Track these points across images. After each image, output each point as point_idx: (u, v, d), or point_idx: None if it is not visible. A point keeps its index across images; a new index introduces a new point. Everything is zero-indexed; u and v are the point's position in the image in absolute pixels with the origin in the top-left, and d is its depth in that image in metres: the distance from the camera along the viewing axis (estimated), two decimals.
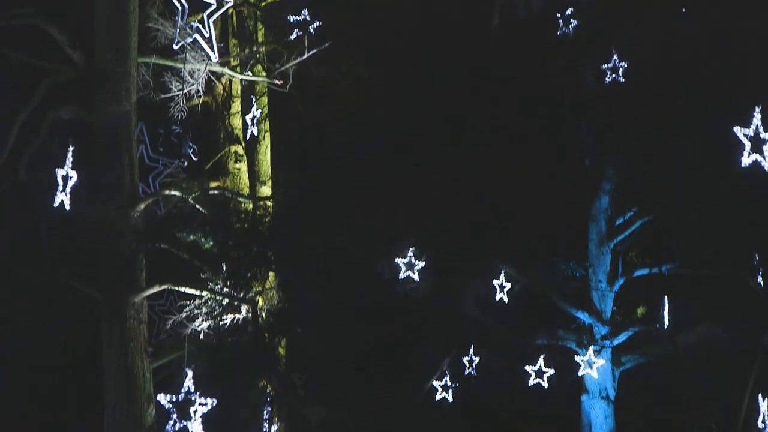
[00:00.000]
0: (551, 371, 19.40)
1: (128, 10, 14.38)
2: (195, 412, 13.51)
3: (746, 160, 13.22)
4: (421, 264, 18.11)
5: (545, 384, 19.34)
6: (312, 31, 16.99)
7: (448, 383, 19.39)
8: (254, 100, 18.51)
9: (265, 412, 15.62)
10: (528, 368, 19.38)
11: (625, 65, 17.77)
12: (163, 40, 14.97)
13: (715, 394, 20.30)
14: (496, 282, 19.24)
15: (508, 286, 19.26)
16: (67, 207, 13.78)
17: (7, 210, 14.60)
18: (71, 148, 13.92)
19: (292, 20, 17.24)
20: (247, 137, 18.73)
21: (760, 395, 19.18)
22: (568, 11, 18.19)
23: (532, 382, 19.38)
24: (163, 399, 13.55)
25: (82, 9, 15.39)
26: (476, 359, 19.48)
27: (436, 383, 19.44)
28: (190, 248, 14.65)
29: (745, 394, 19.87)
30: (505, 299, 19.31)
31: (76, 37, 14.45)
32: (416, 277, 18.14)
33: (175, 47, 14.43)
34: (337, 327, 16.04)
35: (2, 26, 13.88)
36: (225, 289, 14.42)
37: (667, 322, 19.66)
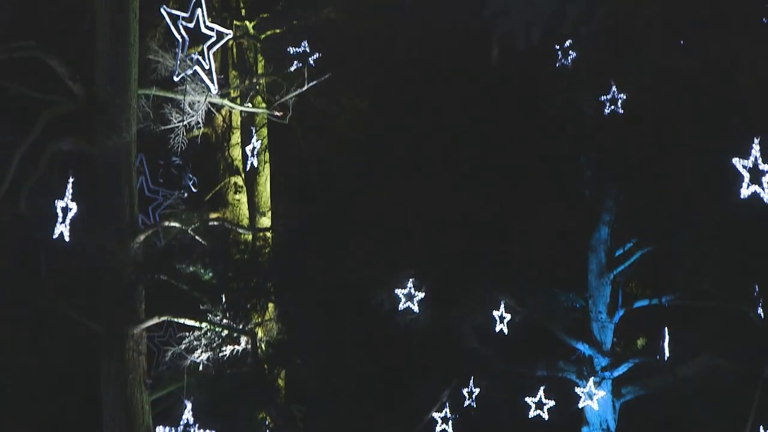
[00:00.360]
0: (551, 403, 19.32)
1: (129, 42, 14.44)
2: None
3: (745, 191, 13.21)
4: (421, 295, 18.09)
5: (545, 416, 19.25)
6: (312, 62, 17.03)
7: (448, 415, 19.30)
8: (254, 131, 18.55)
9: None
10: (528, 400, 19.30)
11: (624, 97, 17.80)
12: (163, 71, 15.01)
13: (715, 426, 20.21)
14: (495, 313, 19.19)
15: (508, 317, 19.21)
16: (67, 238, 13.75)
17: (6, 241, 14.58)
18: (71, 180, 13.91)
19: (291, 52, 17.30)
20: (247, 168, 18.76)
21: (761, 427, 19.12)
22: (567, 43, 18.23)
23: (532, 413, 19.29)
24: (163, 431, 13.50)
25: (82, 40, 15.45)
26: (476, 391, 19.41)
27: (435, 415, 19.35)
28: (189, 279, 14.64)
29: (746, 425, 19.78)
30: (505, 330, 19.25)
31: (77, 69, 14.48)
32: (416, 308, 18.11)
33: (176, 79, 14.46)
34: (336, 358, 16.01)
35: (2, 59, 13.90)
36: (224, 321, 14.39)
37: (667, 353, 19.59)
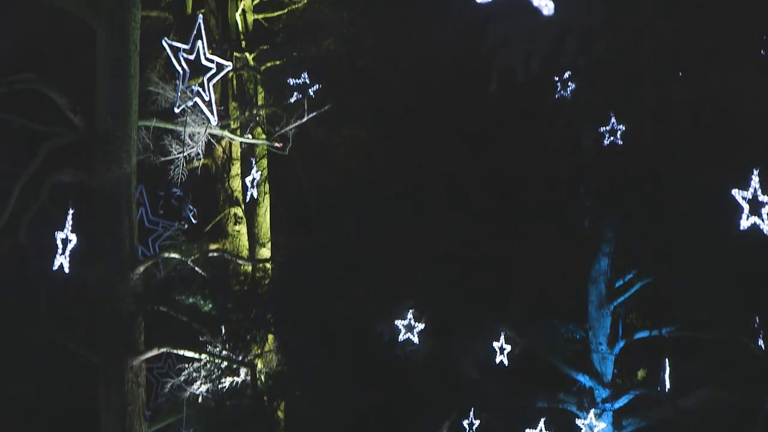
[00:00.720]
0: None
1: (129, 74, 14.48)
2: None
3: (745, 222, 13.19)
4: (421, 326, 18.05)
5: None
6: (312, 94, 17.07)
7: None
8: (254, 162, 18.57)
9: None
10: (529, 431, 19.24)
11: (623, 128, 17.82)
12: (164, 103, 15.05)
13: None
14: (496, 344, 19.15)
15: (508, 348, 19.17)
16: (67, 270, 13.76)
17: (6, 273, 14.58)
18: (71, 211, 13.93)
19: (291, 83, 17.35)
20: (247, 199, 18.78)
21: None
22: (566, 74, 18.28)
23: None
24: None
25: (83, 72, 15.49)
26: (476, 422, 19.33)
27: None
28: (189, 311, 14.63)
29: None
30: (505, 362, 19.21)
31: (77, 100, 14.52)
32: (416, 340, 18.07)
33: (176, 110, 14.50)
34: (336, 390, 15.97)
35: (3, 91, 13.95)
36: (224, 352, 14.37)
37: (668, 385, 19.55)
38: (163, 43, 14.20)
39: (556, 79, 18.71)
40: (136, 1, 14.63)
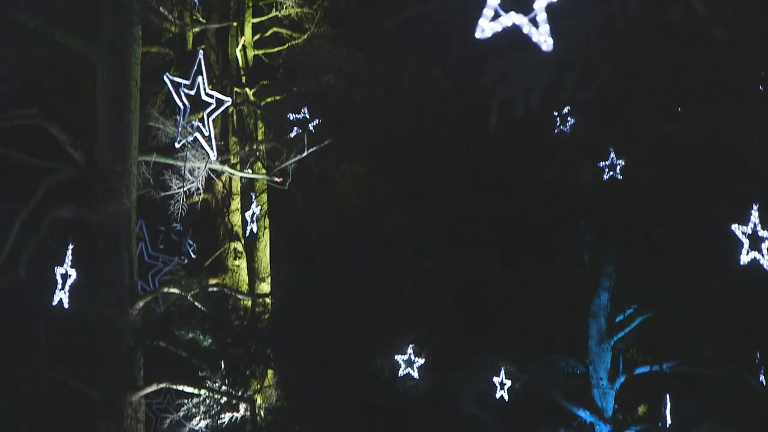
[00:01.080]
0: None
1: (129, 109, 14.52)
2: None
3: (745, 257, 13.17)
4: (421, 361, 18.00)
5: None
6: (312, 129, 17.09)
7: None
8: (254, 197, 18.59)
9: None
10: None
11: (623, 163, 17.84)
12: (164, 138, 15.10)
13: None
14: (496, 379, 19.08)
15: (509, 383, 19.10)
16: (66, 305, 13.75)
17: (5, 308, 14.56)
18: (71, 246, 13.92)
19: (291, 118, 17.37)
20: (247, 234, 18.79)
21: None
22: (565, 110, 18.31)
23: None
24: None
25: (83, 107, 15.54)
26: None
27: None
28: (188, 346, 14.60)
29: None
30: (506, 397, 19.14)
31: (77, 136, 14.55)
32: (416, 375, 18.01)
33: (177, 146, 14.53)
34: (336, 426, 15.90)
35: (4, 126, 13.98)
36: (223, 388, 14.33)
37: (669, 420, 19.47)
38: (165, 78, 14.25)
39: (556, 114, 18.74)
40: (136, 37, 14.69)
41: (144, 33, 15.15)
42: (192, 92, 14.09)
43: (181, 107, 14.22)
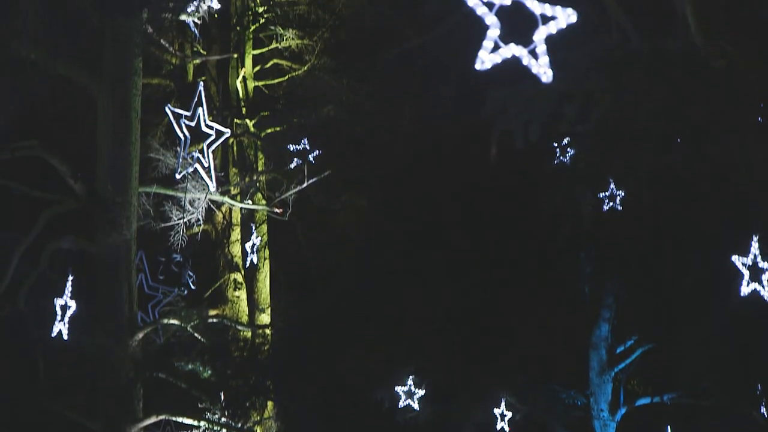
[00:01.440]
0: None
1: (130, 140, 14.52)
2: None
3: (745, 289, 13.17)
4: (421, 392, 17.97)
5: None
6: (312, 159, 17.11)
7: None
8: (254, 228, 18.58)
9: None
10: None
11: (623, 194, 17.84)
12: (164, 169, 15.09)
13: None
14: (496, 410, 19.05)
15: (509, 414, 19.07)
16: (65, 336, 13.70)
17: (4, 339, 14.53)
18: (70, 278, 13.90)
19: (291, 149, 17.39)
20: (247, 265, 18.76)
21: None
22: (565, 141, 18.35)
23: None
24: None
25: (83, 137, 15.55)
26: None
27: None
28: (188, 377, 14.54)
29: None
30: (506, 428, 19.09)
31: (78, 167, 14.55)
32: (416, 406, 17.98)
33: (178, 177, 14.53)
34: None
35: (4, 158, 13.99)
36: (223, 419, 14.27)
37: None
38: (167, 109, 14.27)
39: (555, 145, 18.78)
40: (137, 69, 14.72)
41: (145, 65, 15.17)
42: (192, 123, 14.11)
43: (182, 138, 14.23)
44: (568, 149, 18.42)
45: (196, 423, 14.40)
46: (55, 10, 13.59)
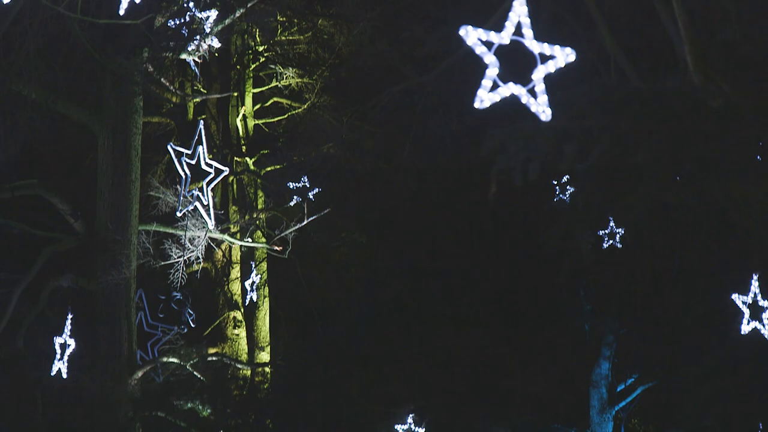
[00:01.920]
0: None
1: (130, 179, 14.57)
2: None
3: (746, 327, 13.15)
4: (422, 431, 17.88)
5: None
6: (311, 197, 17.12)
7: None
8: (254, 265, 18.58)
9: None
10: None
11: (622, 231, 17.84)
12: (164, 207, 15.11)
13: None
14: None
15: None
16: (65, 375, 13.68)
17: (3, 379, 14.50)
18: (70, 316, 13.89)
19: (291, 187, 17.40)
20: (246, 303, 18.75)
21: None
22: (564, 179, 18.37)
23: None
24: None
25: (84, 176, 15.58)
26: None
27: None
28: (187, 416, 14.50)
29: None
30: None
31: (77, 205, 14.57)
32: None
33: (179, 215, 14.54)
34: None
35: (5, 197, 14.01)
36: None
37: None
38: (168, 147, 14.31)
39: (555, 183, 18.79)
40: (137, 108, 14.78)
41: (145, 103, 15.24)
42: (193, 162, 14.14)
43: (183, 176, 14.25)
44: (568, 187, 18.44)
45: None
46: (55, 49, 13.65)
